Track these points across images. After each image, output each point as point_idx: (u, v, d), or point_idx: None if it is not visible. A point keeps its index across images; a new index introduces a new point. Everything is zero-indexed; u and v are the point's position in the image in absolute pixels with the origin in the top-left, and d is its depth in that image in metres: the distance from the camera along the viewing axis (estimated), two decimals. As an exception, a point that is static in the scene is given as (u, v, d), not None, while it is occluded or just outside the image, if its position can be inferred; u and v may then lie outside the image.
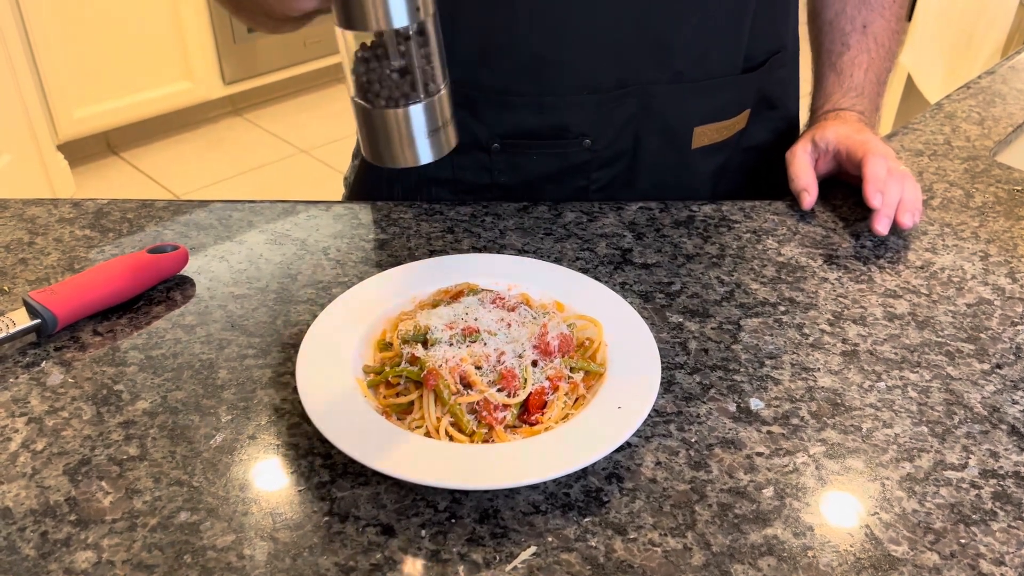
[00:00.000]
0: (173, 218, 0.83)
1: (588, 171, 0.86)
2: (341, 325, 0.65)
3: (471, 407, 0.58)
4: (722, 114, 0.87)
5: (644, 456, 0.59)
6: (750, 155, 0.94)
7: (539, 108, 0.82)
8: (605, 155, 0.85)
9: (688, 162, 0.88)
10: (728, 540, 0.53)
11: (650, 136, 0.85)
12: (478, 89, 0.82)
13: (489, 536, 0.53)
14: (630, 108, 0.83)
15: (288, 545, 0.52)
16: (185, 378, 0.64)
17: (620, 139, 0.85)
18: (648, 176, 0.88)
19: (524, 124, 0.83)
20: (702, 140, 0.87)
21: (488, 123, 0.84)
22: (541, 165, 0.86)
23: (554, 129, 0.83)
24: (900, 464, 0.59)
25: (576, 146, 0.84)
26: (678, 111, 0.85)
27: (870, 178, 0.80)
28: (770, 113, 0.93)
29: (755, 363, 0.67)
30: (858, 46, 0.91)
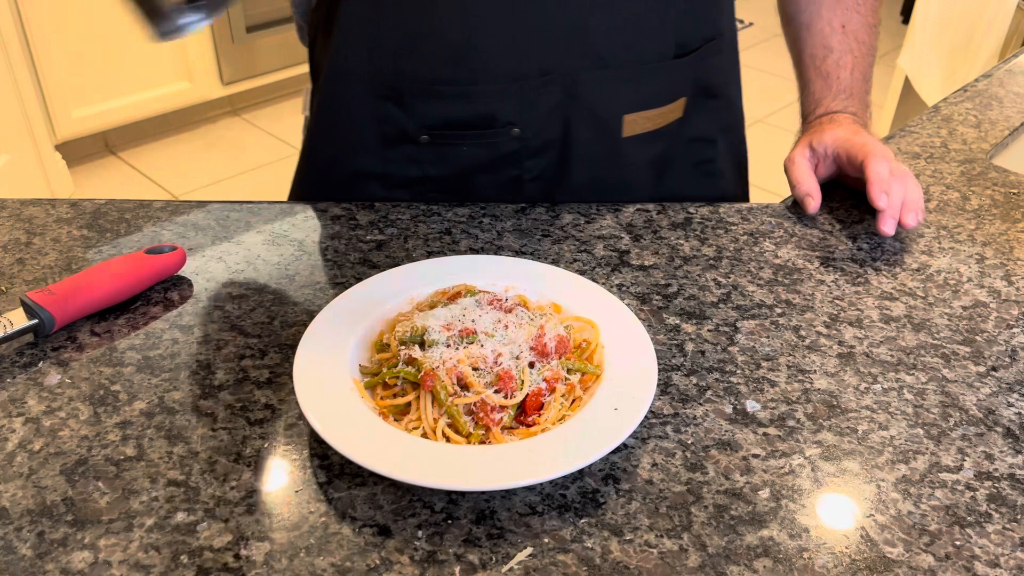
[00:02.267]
0: (171, 218, 0.83)
1: (519, 160, 0.85)
2: (338, 326, 0.65)
3: (468, 408, 0.58)
4: (653, 102, 0.86)
5: (641, 458, 0.59)
6: (697, 146, 0.93)
7: (465, 98, 0.81)
8: (535, 144, 0.85)
9: (620, 151, 0.87)
10: (724, 541, 0.53)
11: (579, 124, 0.84)
12: (404, 80, 0.82)
13: (486, 537, 0.53)
14: (555, 96, 0.82)
15: (285, 546, 0.52)
16: (182, 379, 0.65)
17: (548, 128, 0.84)
18: (581, 165, 0.87)
19: (452, 114, 0.82)
20: (633, 128, 0.86)
21: (416, 115, 0.83)
22: (471, 156, 0.85)
23: (481, 119, 0.82)
24: (895, 466, 0.59)
25: (505, 135, 0.83)
26: (605, 99, 0.83)
27: (874, 179, 0.80)
28: (712, 103, 0.92)
29: (751, 365, 0.67)
30: (840, 47, 0.90)
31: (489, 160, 0.85)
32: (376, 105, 0.83)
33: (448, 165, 0.86)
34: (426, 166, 0.86)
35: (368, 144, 0.85)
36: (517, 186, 0.87)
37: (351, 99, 0.84)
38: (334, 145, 0.87)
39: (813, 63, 0.92)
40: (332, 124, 0.87)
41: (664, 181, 0.92)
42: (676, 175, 0.93)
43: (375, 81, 0.82)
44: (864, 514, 0.55)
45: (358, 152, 0.86)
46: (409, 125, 0.84)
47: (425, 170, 0.86)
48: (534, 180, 0.87)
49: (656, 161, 0.90)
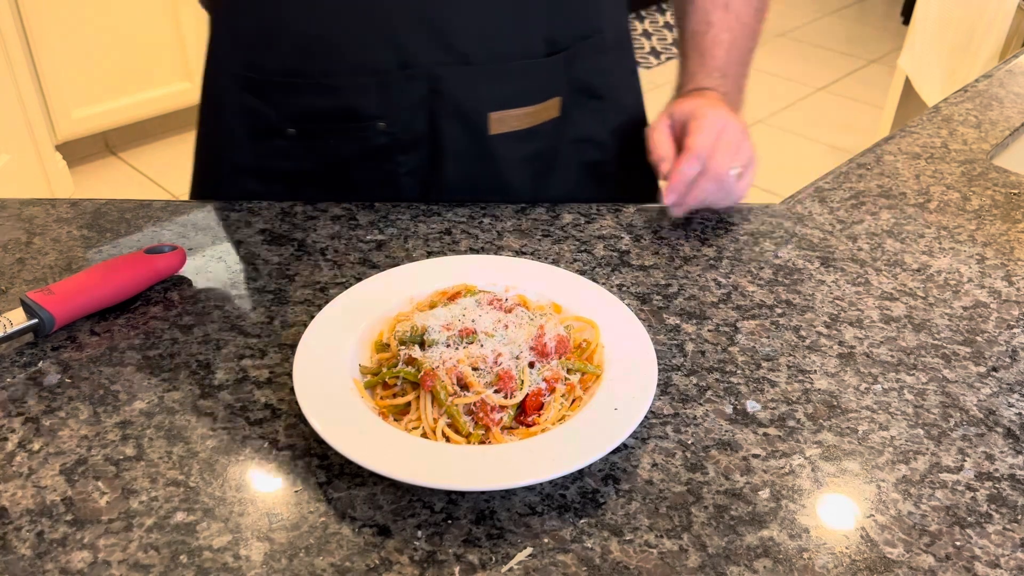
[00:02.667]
0: (171, 218, 0.83)
1: (391, 155, 0.84)
2: (338, 326, 0.65)
3: (468, 408, 0.58)
4: (522, 100, 0.84)
5: (640, 458, 0.59)
6: (585, 147, 0.91)
7: (324, 90, 0.81)
8: (404, 139, 0.84)
9: (489, 149, 0.85)
10: (724, 542, 0.53)
11: (445, 120, 0.83)
12: (263, 73, 0.81)
13: (485, 537, 0.53)
14: (419, 91, 0.81)
15: (284, 546, 0.52)
16: (182, 378, 0.64)
17: (415, 123, 0.83)
18: (453, 161, 0.85)
19: (314, 107, 0.82)
20: (502, 127, 0.84)
21: (277, 107, 0.82)
22: (341, 149, 0.84)
23: (344, 112, 0.82)
24: (896, 466, 0.59)
25: (372, 129, 0.82)
26: (470, 95, 0.82)
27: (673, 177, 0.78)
28: (596, 103, 0.90)
29: (752, 365, 0.67)
30: (720, 24, 0.89)
31: (360, 154, 0.84)
32: (242, 97, 0.83)
33: (320, 159, 0.85)
34: (298, 160, 0.85)
35: (240, 137, 0.85)
36: (393, 180, 0.86)
37: (221, 92, 0.84)
38: (212, 139, 0.86)
39: (692, 39, 0.91)
40: (209, 118, 0.87)
41: (547, 181, 0.90)
42: (560, 176, 0.91)
43: (238, 73, 0.82)
44: (864, 514, 0.55)
45: (232, 146, 0.86)
46: (274, 118, 0.83)
47: (298, 164, 0.85)
48: (409, 175, 0.86)
49: (532, 160, 0.88)
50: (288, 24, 0.79)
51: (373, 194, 0.86)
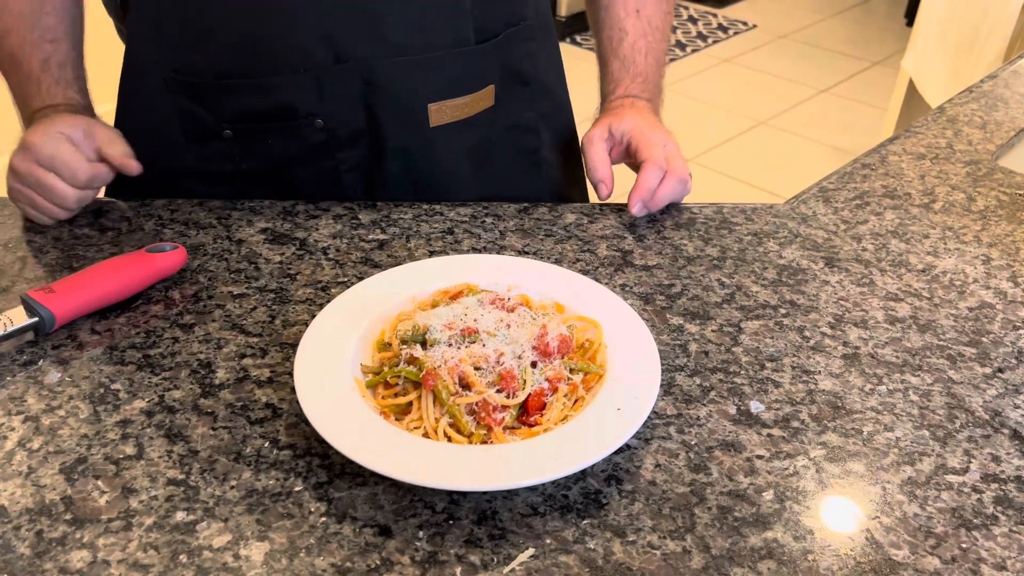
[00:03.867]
0: (172, 217, 0.83)
1: (331, 152, 0.84)
2: (340, 325, 0.65)
3: (470, 408, 0.58)
4: (458, 90, 0.84)
5: (644, 458, 0.58)
6: (517, 134, 0.92)
7: (259, 89, 0.80)
8: (343, 135, 0.83)
9: (431, 141, 0.86)
10: (727, 543, 0.53)
11: (384, 114, 0.83)
12: (194, 75, 0.81)
13: (487, 538, 0.53)
14: (354, 85, 0.81)
15: (285, 545, 0.52)
16: (183, 377, 0.64)
17: (353, 118, 0.82)
18: (394, 156, 0.85)
19: (248, 107, 0.81)
20: (441, 118, 0.85)
21: (212, 109, 0.82)
22: (280, 148, 0.84)
23: (280, 110, 0.81)
24: (901, 468, 0.58)
25: (308, 127, 0.82)
26: (406, 87, 0.82)
27: (640, 186, 0.82)
28: (525, 90, 0.91)
29: (756, 366, 0.67)
30: (635, 31, 0.91)
31: (300, 152, 0.84)
32: (172, 100, 0.82)
33: (259, 159, 0.85)
34: (238, 161, 0.85)
35: (174, 142, 0.84)
36: (335, 178, 0.86)
37: (148, 96, 0.83)
38: (141, 146, 0.83)
39: (610, 45, 0.92)
40: (135, 125, 0.85)
41: (486, 171, 0.91)
42: (498, 165, 0.91)
43: (167, 76, 0.81)
44: (869, 516, 0.55)
45: (166, 151, 0.85)
46: (209, 120, 0.82)
47: (237, 165, 0.85)
48: (351, 171, 0.86)
49: (473, 151, 0.89)
50: (217, 23, 0.78)
51: (317, 193, 0.86)
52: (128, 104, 0.86)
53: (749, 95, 3.49)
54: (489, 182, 0.91)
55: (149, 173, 0.85)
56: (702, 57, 3.83)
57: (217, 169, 0.86)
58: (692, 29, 4.07)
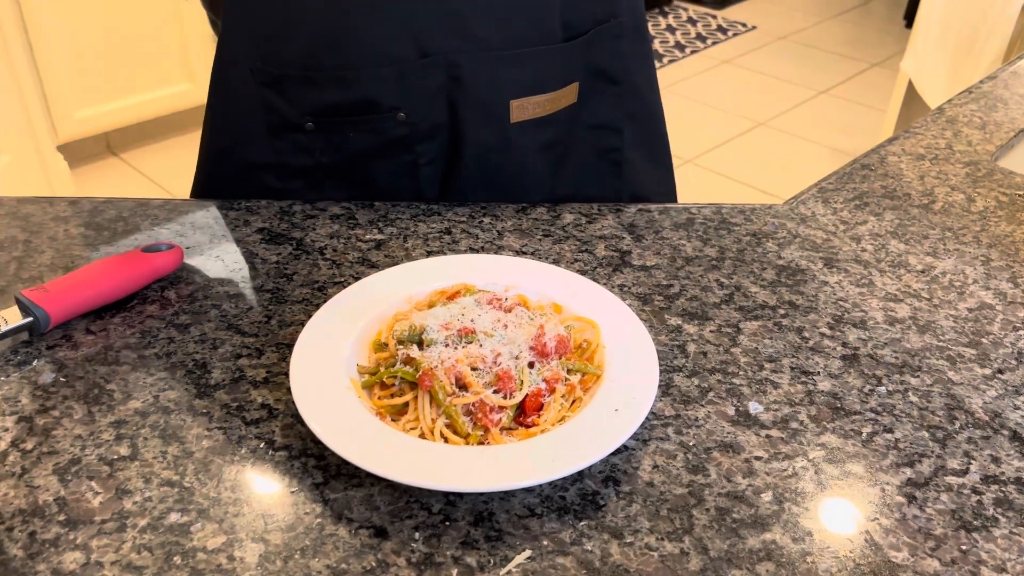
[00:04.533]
0: (169, 217, 0.83)
1: (411, 145, 0.84)
2: (336, 325, 0.64)
3: (467, 409, 0.58)
4: (542, 87, 0.83)
5: (641, 459, 0.58)
6: (600, 134, 0.91)
7: (343, 83, 0.80)
8: (423, 128, 0.83)
9: (510, 137, 0.84)
10: (726, 545, 0.52)
11: (465, 108, 0.82)
12: (279, 66, 0.80)
13: (483, 539, 0.52)
14: (437, 79, 0.80)
15: (280, 547, 0.51)
16: (178, 377, 0.64)
17: (434, 111, 0.82)
18: (473, 150, 0.85)
19: (332, 100, 0.81)
20: (522, 114, 0.84)
21: (295, 101, 0.81)
22: (361, 142, 0.83)
23: (364, 104, 0.81)
24: (900, 469, 0.58)
25: (390, 120, 0.82)
26: (489, 83, 0.81)
27: None
28: (613, 89, 0.89)
29: (754, 366, 0.66)
30: None
31: (380, 146, 0.83)
32: (258, 92, 0.82)
33: (339, 152, 0.84)
34: (316, 154, 0.84)
35: (257, 133, 0.84)
36: (412, 172, 0.86)
37: (237, 87, 0.83)
38: (226, 136, 0.85)
39: None
40: (223, 114, 0.86)
41: (564, 170, 0.90)
42: (576, 164, 0.90)
43: (255, 68, 0.81)
44: (868, 518, 0.55)
45: (248, 142, 0.85)
46: (291, 112, 0.82)
47: (316, 158, 0.84)
48: (429, 165, 0.85)
49: (550, 147, 0.88)
50: (305, 16, 0.78)
51: (392, 187, 0.86)
52: (217, 94, 0.86)
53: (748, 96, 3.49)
54: (566, 181, 0.90)
55: (230, 162, 0.85)
56: (701, 58, 3.83)
57: (294, 162, 0.85)
58: (691, 31, 4.07)
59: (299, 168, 0.85)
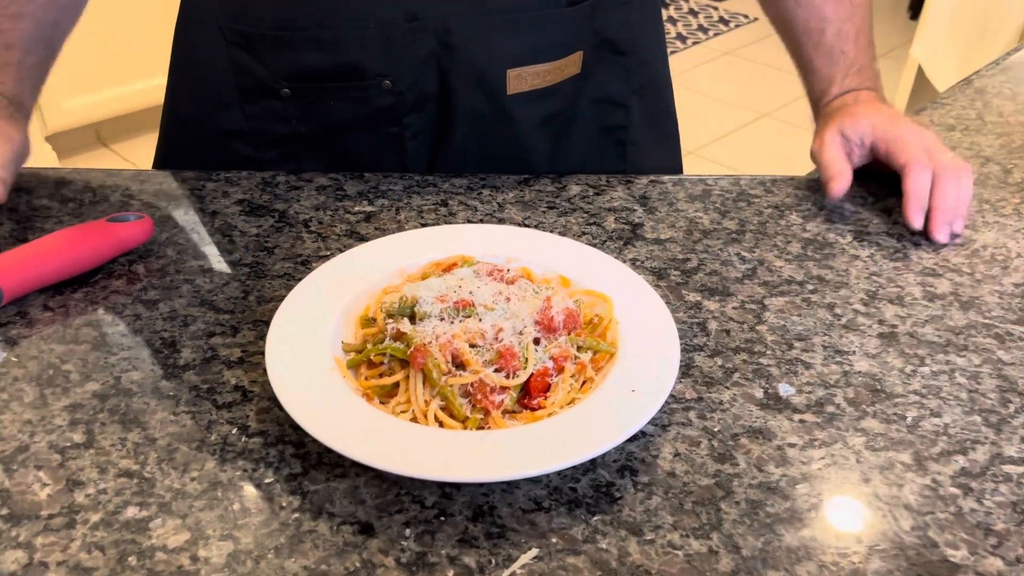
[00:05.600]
0: (142, 188, 0.76)
1: (397, 116, 0.77)
2: (319, 298, 0.58)
3: (464, 389, 0.51)
4: (542, 55, 0.76)
5: (661, 447, 0.52)
6: (604, 108, 0.84)
7: (322, 44, 0.73)
8: (411, 98, 0.76)
9: (507, 109, 0.77)
10: (760, 543, 0.46)
11: (458, 77, 0.75)
12: (251, 24, 0.73)
13: (484, 536, 0.46)
14: (427, 44, 0.73)
15: (251, 546, 0.45)
16: (143, 357, 0.57)
17: (423, 80, 0.75)
18: (465, 124, 0.78)
19: (310, 64, 0.74)
20: (520, 85, 0.76)
21: (270, 64, 0.74)
22: (342, 111, 0.76)
23: (345, 69, 0.74)
24: (952, 457, 0.52)
25: (375, 88, 0.75)
26: (485, 50, 0.74)
27: (912, 194, 0.71)
28: (620, 59, 0.82)
29: (783, 345, 0.60)
30: (837, 16, 0.79)
31: (363, 116, 0.76)
32: (229, 53, 0.75)
33: (317, 122, 0.77)
34: (293, 123, 0.77)
35: (227, 99, 0.77)
36: (398, 145, 0.79)
37: (204, 48, 0.76)
38: (193, 101, 0.78)
39: (810, 39, 0.81)
40: (188, 77, 0.79)
41: (564, 146, 0.83)
42: (578, 140, 0.83)
43: (224, 26, 0.74)
44: (920, 512, 0.48)
45: (218, 108, 0.78)
46: (266, 76, 0.75)
47: (293, 128, 0.77)
48: (416, 138, 0.78)
49: (550, 121, 0.80)
50: None
51: (376, 161, 0.79)
52: (182, 57, 0.79)
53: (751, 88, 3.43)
54: (566, 159, 0.83)
55: (198, 130, 0.78)
56: (703, 50, 3.77)
57: (269, 131, 0.78)
58: (693, 22, 4.01)
59: (275, 137, 0.78)
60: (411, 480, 0.49)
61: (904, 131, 0.74)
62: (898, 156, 0.73)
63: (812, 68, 0.83)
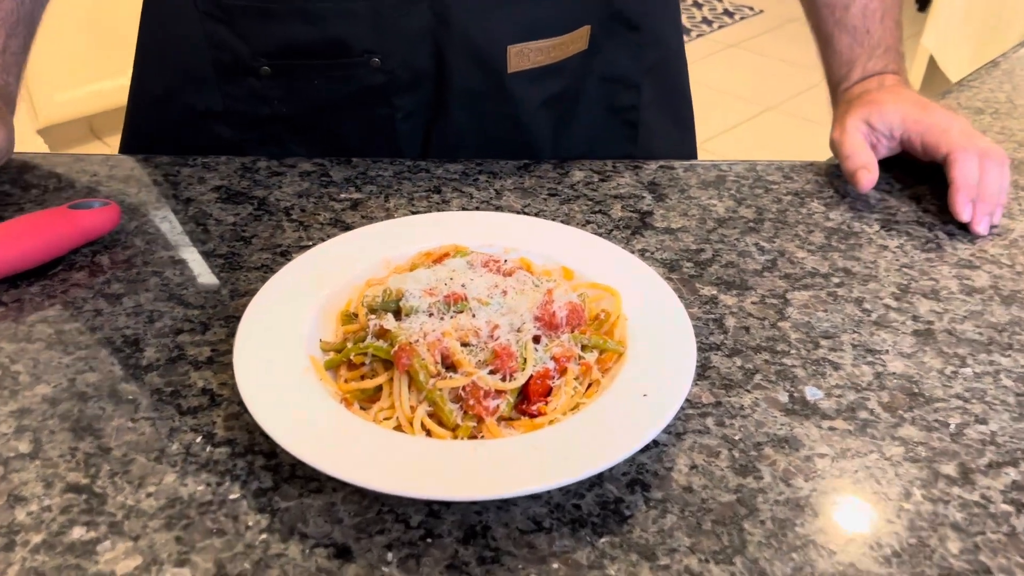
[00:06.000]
0: (111, 174, 0.71)
1: (387, 97, 0.71)
2: (296, 291, 0.52)
3: (455, 394, 0.46)
4: (546, 30, 0.70)
5: (676, 458, 0.46)
6: (612, 89, 0.78)
7: (305, 17, 0.67)
8: (403, 77, 0.70)
9: (507, 88, 0.72)
10: (789, 569, 0.40)
11: (455, 54, 0.69)
12: None
13: (476, 561, 0.41)
14: (421, 18, 0.68)
15: (210, 572, 0.40)
16: (101, 357, 0.52)
17: (417, 57, 0.70)
18: (462, 104, 0.72)
19: (294, 38, 0.68)
20: (522, 63, 0.71)
21: (248, 38, 0.69)
22: (327, 90, 0.71)
23: (331, 44, 0.68)
24: (1002, 470, 0.46)
25: (363, 66, 0.69)
26: (484, 24, 0.68)
27: (961, 184, 0.66)
28: (631, 35, 0.76)
29: (808, 344, 0.54)
30: None
31: (349, 95, 0.71)
32: (203, 27, 0.69)
33: (301, 102, 0.72)
34: (274, 103, 0.72)
35: (202, 76, 0.71)
36: (389, 128, 0.73)
37: (174, 21, 0.70)
38: (163, 78, 0.72)
39: (832, 15, 0.76)
40: (157, 53, 0.73)
41: (569, 129, 0.77)
42: (585, 123, 0.77)
43: None
44: (970, 532, 0.43)
45: (192, 86, 0.72)
46: (244, 52, 0.69)
47: (274, 108, 0.72)
48: (408, 120, 0.73)
49: (554, 102, 0.75)
50: None
51: (365, 145, 0.73)
52: (149, 29, 0.73)
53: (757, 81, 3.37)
54: (571, 143, 0.77)
55: (170, 110, 0.72)
56: (707, 42, 3.71)
57: (250, 112, 0.72)
58: (697, 14, 3.95)
59: (255, 117, 0.73)
60: (394, 497, 0.43)
61: (938, 119, 0.69)
62: (939, 146, 0.68)
63: (833, 47, 0.77)
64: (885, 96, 0.72)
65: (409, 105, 0.72)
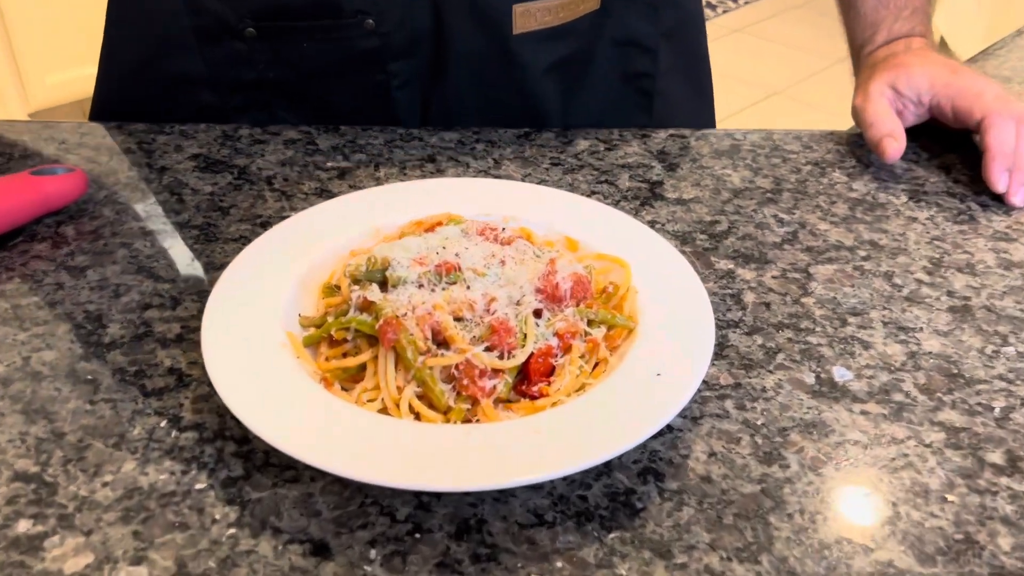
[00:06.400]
0: (82, 142, 0.66)
1: (382, 62, 0.66)
2: (273, 262, 0.48)
3: (447, 373, 0.41)
4: None
5: (692, 444, 0.42)
6: (626, 53, 0.73)
7: None
8: (399, 41, 0.66)
9: (512, 52, 0.67)
10: (822, 569, 0.36)
11: (456, 16, 0.65)
12: None
13: (469, 559, 0.36)
14: None
15: (171, 571, 0.35)
16: (60, 334, 0.47)
17: (416, 19, 0.65)
18: (463, 70, 0.68)
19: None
20: (528, 23, 0.66)
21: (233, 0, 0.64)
22: (317, 55, 0.66)
23: (321, 5, 0.64)
24: (1055, 458, 0.42)
25: (356, 28, 0.64)
26: None
27: (996, 152, 0.61)
28: None
29: (835, 321, 0.50)
30: None
31: (340, 60, 0.66)
32: None
33: (289, 68, 0.67)
34: (260, 68, 0.67)
35: (181, 39, 0.66)
36: (384, 95, 0.68)
37: None
38: (139, 43, 0.67)
39: None
40: (132, 18, 0.68)
41: (578, 96, 0.72)
42: (596, 89, 0.73)
43: None
44: (1022, 528, 0.38)
45: (171, 50, 0.67)
46: (227, 14, 0.64)
47: (261, 72, 0.67)
48: (404, 87, 0.68)
49: (562, 67, 0.70)
50: None
51: (358, 113, 0.69)
52: None
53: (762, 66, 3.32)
54: (581, 110, 0.72)
55: (148, 76, 0.68)
56: (712, 27, 3.65)
57: (233, 76, 0.68)
58: (701, -2, 3.90)
59: (240, 82, 0.68)
60: (379, 487, 0.39)
61: (970, 82, 0.64)
62: (971, 112, 0.63)
63: (857, 8, 0.72)
64: (912, 59, 0.67)
65: (406, 71, 0.67)
